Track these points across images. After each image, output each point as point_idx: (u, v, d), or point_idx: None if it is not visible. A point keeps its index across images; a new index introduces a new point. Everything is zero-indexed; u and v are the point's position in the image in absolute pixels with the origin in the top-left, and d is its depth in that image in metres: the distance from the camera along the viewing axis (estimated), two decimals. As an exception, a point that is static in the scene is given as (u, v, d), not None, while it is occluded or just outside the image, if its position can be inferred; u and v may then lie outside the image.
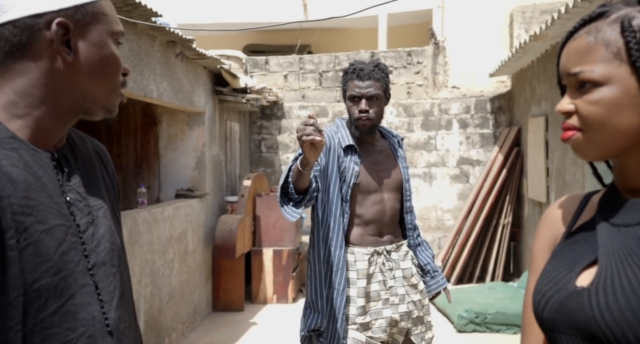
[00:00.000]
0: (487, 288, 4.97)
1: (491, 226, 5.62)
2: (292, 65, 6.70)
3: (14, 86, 0.79)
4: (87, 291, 0.80)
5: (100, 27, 0.82)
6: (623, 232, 0.71)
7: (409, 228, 2.10)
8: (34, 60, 0.79)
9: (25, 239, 0.73)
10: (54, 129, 0.82)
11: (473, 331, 4.15)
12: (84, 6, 0.80)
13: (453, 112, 6.22)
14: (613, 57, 0.71)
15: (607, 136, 0.71)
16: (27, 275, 0.73)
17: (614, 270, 0.69)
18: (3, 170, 0.74)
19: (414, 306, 2.02)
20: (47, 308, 0.75)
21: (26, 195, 0.75)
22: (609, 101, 0.71)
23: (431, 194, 6.21)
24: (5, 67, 0.79)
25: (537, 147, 4.97)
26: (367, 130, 2.02)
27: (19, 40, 0.78)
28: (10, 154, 0.76)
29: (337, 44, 8.07)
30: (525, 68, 5.41)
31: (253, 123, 6.51)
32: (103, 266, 0.84)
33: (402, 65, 6.53)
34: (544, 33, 3.98)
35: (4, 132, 0.77)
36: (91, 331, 0.79)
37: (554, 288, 0.73)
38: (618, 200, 0.75)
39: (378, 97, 2.00)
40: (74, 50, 0.80)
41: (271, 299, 5.08)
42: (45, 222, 0.76)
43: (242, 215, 4.85)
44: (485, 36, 6.47)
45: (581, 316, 0.69)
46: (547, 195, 4.70)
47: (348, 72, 2.04)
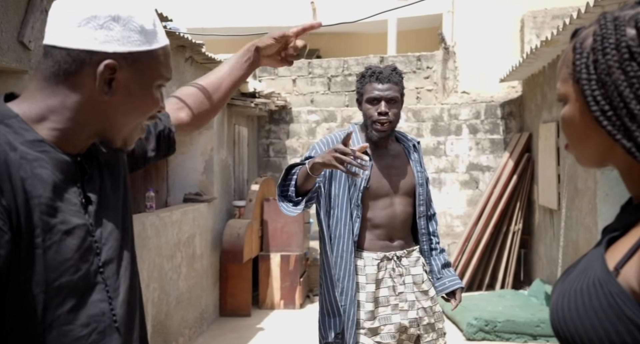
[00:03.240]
0: (497, 295, 4.91)
1: (501, 233, 5.56)
2: (300, 69, 6.69)
3: (49, 102, 0.84)
4: (98, 289, 0.84)
5: (148, 73, 0.86)
6: (603, 239, 0.74)
7: (422, 233, 2.07)
8: (74, 88, 0.84)
9: (49, 238, 0.78)
10: (77, 142, 0.87)
11: (482, 339, 4.10)
12: (139, 53, 0.84)
13: (463, 117, 6.18)
14: (569, 76, 0.75)
15: (578, 148, 0.77)
16: (50, 273, 0.78)
17: (579, 274, 0.73)
18: (35, 172, 0.79)
19: (425, 312, 2.00)
20: (64, 305, 0.79)
21: (53, 196, 0.80)
22: (567, 118, 0.76)
23: (440, 200, 6.15)
24: (47, 85, 0.84)
25: (548, 153, 4.91)
26: (385, 134, 2.01)
27: (67, 67, 0.83)
28: (41, 156, 0.81)
29: (346, 49, 8.07)
30: (537, 74, 5.36)
31: (261, 128, 6.51)
32: (111, 264, 0.87)
33: (412, 70, 6.50)
34: (555, 38, 3.94)
35: (34, 135, 0.82)
36: (101, 327, 0.84)
37: (555, 285, 0.80)
38: (622, 207, 0.77)
39: (396, 100, 2.01)
40: (114, 90, 0.84)
41: (278, 305, 5.05)
42: (68, 223, 0.81)
43: (249, 220, 4.83)
44: (496, 41, 6.43)
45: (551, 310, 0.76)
46: (559, 201, 4.65)
47: (366, 75, 2.04)
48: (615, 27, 0.69)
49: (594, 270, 0.70)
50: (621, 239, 0.71)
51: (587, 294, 0.68)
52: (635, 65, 0.67)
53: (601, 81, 0.70)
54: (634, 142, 0.68)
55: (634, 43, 0.67)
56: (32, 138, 0.81)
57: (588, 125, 0.72)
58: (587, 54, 0.72)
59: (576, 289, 0.70)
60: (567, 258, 4.50)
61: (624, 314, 0.64)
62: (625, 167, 0.73)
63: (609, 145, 0.71)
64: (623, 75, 0.68)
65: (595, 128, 0.72)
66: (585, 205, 4.05)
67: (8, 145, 0.78)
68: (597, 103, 0.70)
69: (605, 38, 0.69)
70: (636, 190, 0.73)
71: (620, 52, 0.68)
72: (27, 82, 2.28)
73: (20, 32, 2.20)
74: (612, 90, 0.69)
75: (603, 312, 0.66)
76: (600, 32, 0.70)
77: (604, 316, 0.66)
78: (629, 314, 0.64)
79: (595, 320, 0.67)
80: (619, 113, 0.68)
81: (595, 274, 0.69)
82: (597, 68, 0.70)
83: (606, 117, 0.69)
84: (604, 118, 0.69)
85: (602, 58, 0.69)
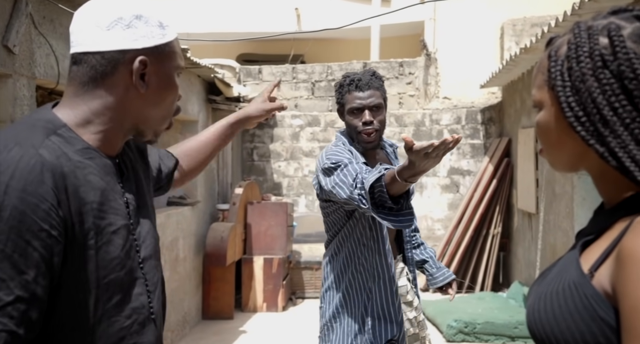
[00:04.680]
0: (476, 298, 4.99)
1: (481, 236, 5.65)
2: (285, 74, 6.74)
3: (91, 106, 0.90)
4: (139, 283, 0.92)
5: (170, 63, 0.94)
6: (577, 243, 0.76)
7: (406, 241, 2.00)
8: (112, 87, 0.90)
9: (101, 239, 0.86)
10: (116, 142, 0.95)
11: (462, 341, 4.17)
12: (162, 46, 0.92)
13: (444, 122, 6.28)
14: (544, 83, 0.77)
15: (552, 153, 0.78)
16: (101, 271, 0.85)
17: (554, 277, 0.75)
18: (87, 178, 0.86)
19: (410, 324, 1.95)
20: (112, 299, 0.87)
21: (102, 200, 0.87)
22: (542, 123, 0.78)
23: (422, 204, 6.24)
24: (85, 90, 0.90)
25: (527, 158, 5.03)
26: (373, 144, 1.91)
27: (103, 69, 0.89)
28: (90, 163, 0.88)
29: (330, 54, 8.14)
30: (516, 80, 5.48)
31: (245, 132, 6.52)
32: (149, 260, 0.95)
33: (394, 75, 6.59)
34: (534, 46, 4.05)
35: (82, 143, 0.89)
36: (141, 319, 0.91)
37: (531, 288, 0.82)
38: (595, 211, 0.79)
39: (380, 107, 1.90)
40: (147, 83, 0.91)
41: (261, 308, 5.07)
42: (114, 224, 0.88)
43: (233, 223, 4.85)
44: (476, 48, 6.55)
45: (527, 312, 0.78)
46: (537, 205, 4.75)
47: (344, 84, 1.92)
48: (589, 36, 0.72)
49: (569, 273, 0.72)
50: (595, 243, 0.73)
51: (563, 297, 0.70)
52: (608, 72, 0.69)
53: (575, 88, 0.72)
54: (607, 147, 0.70)
55: (606, 52, 0.70)
56: (81, 147, 0.88)
57: (563, 131, 0.74)
58: (562, 62, 0.74)
59: (552, 291, 0.73)
60: (545, 261, 4.60)
61: (598, 315, 0.66)
62: (598, 172, 0.75)
63: (583, 150, 0.73)
64: (596, 83, 0.70)
65: (570, 133, 0.74)
66: (562, 208, 4.15)
67: (64, 156, 0.84)
68: (572, 109, 0.72)
69: (579, 46, 0.72)
70: (607, 194, 0.75)
71: (594, 60, 0.70)
72: (11, 86, 2.28)
73: (5, 36, 2.20)
74: (586, 97, 0.71)
75: (578, 313, 0.68)
76: (574, 41, 0.73)
77: (578, 318, 0.68)
78: (602, 316, 0.66)
79: (571, 321, 0.68)
80: (592, 119, 0.70)
81: (571, 277, 0.71)
82: (572, 75, 0.72)
83: (580, 122, 0.71)
84: (578, 123, 0.72)
85: (576, 66, 0.72)
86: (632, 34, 0.70)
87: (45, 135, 0.85)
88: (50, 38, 2.48)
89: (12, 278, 0.76)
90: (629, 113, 0.69)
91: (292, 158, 6.49)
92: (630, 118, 0.69)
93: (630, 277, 0.63)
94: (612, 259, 0.68)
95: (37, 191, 0.79)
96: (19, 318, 0.76)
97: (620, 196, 0.73)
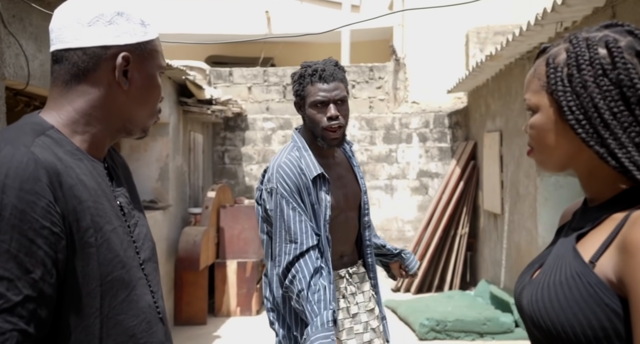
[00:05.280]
0: (445, 296, 5.13)
1: (449, 237, 5.81)
2: (256, 77, 6.76)
3: (75, 105, 0.90)
4: (142, 284, 0.93)
5: (152, 62, 0.95)
6: (569, 236, 0.84)
7: (367, 245, 1.90)
8: (95, 84, 0.90)
9: (100, 237, 0.86)
10: (104, 144, 0.95)
11: (434, 338, 4.28)
12: (144, 43, 0.93)
13: (413, 126, 6.43)
14: (541, 88, 0.83)
15: (545, 153, 0.84)
16: (103, 268, 0.86)
17: (550, 268, 0.82)
18: (79, 178, 0.86)
19: (374, 334, 1.85)
20: (117, 297, 0.88)
21: (96, 200, 0.87)
22: (538, 125, 0.83)
23: (392, 206, 6.36)
24: (68, 88, 0.90)
25: (492, 160, 5.20)
26: (338, 141, 1.77)
27: (85, 65, 0.89)
28: (80, 164, 0.88)
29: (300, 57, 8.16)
30: (481, 86, 5.67)
31: (216, 135, 6.51)
32: (149, 262, 0.97)
33: (365, 80, 6.70)
34: (498, 53, 4.21)
35: (70, 145, 0.89)
36: (149, 318, 0.92)
37: (519, 281, 0.89)
38: (582, 207, 0.87)
39: (345, 100, 1.77)
40: (130, 80, 0.92)
41: (234, 312, 5.07)
42: (111, 223, 0.89)
43: (206, 227, 4.83)
44: (443, 54, 6.73)
45: (523, 304, 0.84)
46: (502, 206, 4.92)
47: (305, 74, 1.76)
48: (588, 46, 0.78)
49: (568, 264, 0.78)
50: (589, 235, 0.79)
51: (567, 286, 0.76)
52: (607, 80, 0.76)
53: (576, 93, 0.78)
54: (607, 148, 0.76)
55: (605, 61, 0.77)
56: (70, 148, 0.88)
57: (559, 133, 0.80)
58: (561, 69, 0.80)
59: (554, 281, 0.78)
60: (510, 259, 4.77)
61: (603, 302, 0.73)
62: (586, 172, 0.82)
63: (575, 151, 0.80)
64: (597, 89, 0.77)
65: (566, 135, 0.80)
66: (526, 209, 4.33)
67: (54, 155, 0.84)
68: (573, 112, 0.78)
69: (580, 55, 0.78)
70: (595, 192, 0.82)
71: (595, 68, 0.77)
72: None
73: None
74: (587, 102, 0.77)
75: (583, 301, 0.74)
76: (573, 50, 0.79)
77: (584, 305, 0.73)
78: (607, 302, 0.72)
79: (577, 309, 0.74)
80: (593, 122, 0.77)
81: (572, 267, 0.77)
82: (572, 81, 0.78)
83: (581, 125, 0.77)
84: (579, 126, 0.78)
85: (577, 73, 0.78)
86: (627, 46, 0.77)
87: (35, 136, 0.85)
88: (20, 37, 2.41)
89: (19, 278, 0.76)
90: (627, 117, 0.76)
91: (264, 161, 6.51)
92: (628, 122, 0.76)
93: (636, 266, 0.70)
94: (614, 249, 0.74)
95: (33, 189, 0.78)
96: (29, 317, 0.77)
97: (610, 193, 0.80)
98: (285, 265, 1.67)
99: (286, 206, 1.69)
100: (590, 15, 3.14)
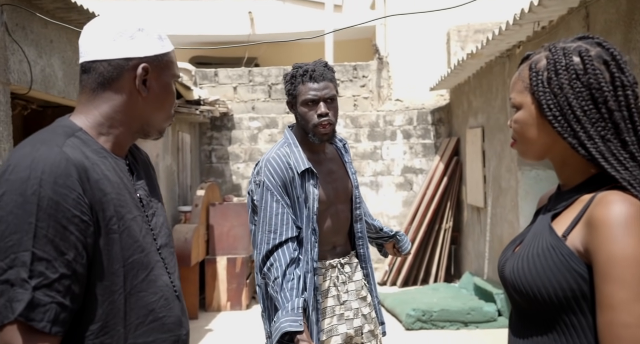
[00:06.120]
0: (431, 289, 5.28)
1: (434, 231, 5.96)
2: (241, 77, 6.82)
3: (101, 110, 1.03)
4: (159, 266, 1.05)
5: (168, 71, 1.07)
6: (545, 216, 0.99)
7: (359, 237, 2.00)
8: (118, 92, 1.03)
9: (122, 224, 0.98)
10: (125, 143, 1.08)
11: (420, 328, 4.42)
12: (161, 56, 1.06)
13: (397, 123, 6.57)
14: (524, 89, 0.98)
15: (526, 144, 0.99)
16: (125, 251, 0.98)
17: (529, 243, 0.97)
18: (104, 173, 0.98)
19: (365, 320, 1.95)
20: (138, 277, 1.00)
21: (118, 192, 1.00)
22: (521, 120, 0.98)
23: (378, 202, 6.49)
24: (95, 95, 1.03)
25: (474, 156, 5.36)
26: (328, 136, 1.88)
27: (110, 75, 1.02)
28: (104, 161, 1.00)
29: (284, 57, 8.28)
30: (463, 83, 5.82)
31: (203, 134, 6.57)
32: (165, 247, 1.09)
33: (349, 78, 6.82)
34: (479, 52, 4.36)
35: (96, 145, 1.01)
36: (167, 295, 1.05)
37: (503, 255, 1.04)
38: (556, 192, 1.03)
39: (334, 98, 1.88)
40: (148, 88, 1.04)
41: (225, 307, 5.15)
42: (132, 213, 1.01)
43: (196, 224, 4.90)
44: (425, 52, 6.88)
45: (505, 273, 0.99)
46: (485, 200, 5.08)
47: (297, 75, 1.87)
48: (564, 54, 0.94)
49: (544, 238, 0.93)
50: (562, 214, 0.95)
51: (544, 256, 0.91)
52: (579, 83, 0.92)
53: (554, 93, 0.93)
54: (578, 140, 0.92)
55: (578, 67, 0.92)
56: (96, 148, 1.00)
57: (539, 127, 0.95)
58: (542, 73, 0.95)
59: (532, 253, 0.93)
60: (493, 251, 4.93)
61: (573, 268, 0.88)
62: (560, 160, 0.97)
63: (551, 142, 0.95)
64: (571, 90, 0.92)
65: (544, 129, 0.95)
66: (508, 202, 4.48)
67: (82, 154, 0.97)
68: (550, 109, 0.93)
69: (557, 62, 0.94)
70: (567, 178, 0.97)
71: (569, 72, 0.92)
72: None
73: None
74: (563, 101, 0.92)
75: (557, 268, 0.89)
76: (552, 57, 0.95)
77: (557, 271, 0.89)
78: (576, 268, 0.88)
79: (551, 274, 0.89)
80: (568, 118, 0.92)
81: (547, 240, 0.92)
82: (551, 83, 0.93)
83: (557, 120, 0.93)
84: (555, 121, 0.93)
85: (555, 76, 0.93)
86: (597, 56, 0.93)
87: (66, 137, 0.97)
88: (23, 44, 2.51)
89: (56, 259, 0.89)
90: (595, 114, 0.92)
91: (251, 159, 6.59)
92: (595, 118, 0.92)
93: (602, 238, 0.85)
94: (582, 225, 0.89)
95: (65, 183, 0.91)
96: (65, 292, 0.90)
97: (579, 178, 0.96)
98: (265, 253, 1.80)
99: (270, 199, 1.81)
100: (566, 15, 3.29)
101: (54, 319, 0.88)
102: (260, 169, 1.87)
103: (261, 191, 1.83)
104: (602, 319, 0.84)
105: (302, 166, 1.84)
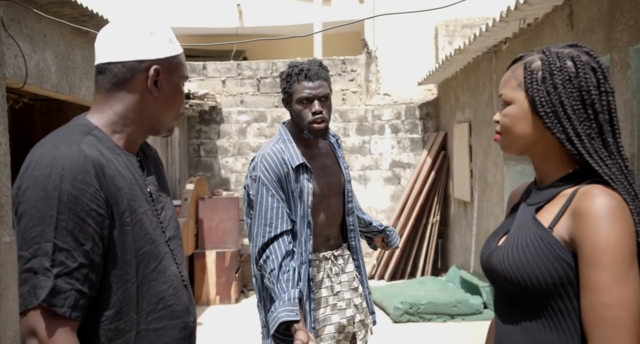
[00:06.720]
0: (418, 282, 5.35)
1: (421, 225, 6.02)
2: (230, 71, 6.80)
3: (115, 109, 1.10)
4: (168, 257, 1.12)
5: (178, 73, 1.14)
6: (528, 209, 1.06)
7: (350, 230, 2.07)
8: (131, 92, 1.09)
9: (135, 218, 1.05)
10: (137, 141, 1.14)
11: (407, 321, 4.48)
12: (171, 58, 1.12)
13: (385, 117, 6.60)
14: (517, 86, 1.05)
15: (512, 138, 1.05)
16: (137, 243, 1.05)
17: (515, 234, 1.04)
18: (117, 170, 1.05)
19: (356, 310, 2.02)
20: (149, 267, 1.07)
21: (131, 187, 1.07)
22: (512, 115, 1.05)
23: (366, 196, 6.54)
24: (110, 95, 1.09)
25: (461, 150, 5.41)
26: (322, 132, 1.95)
27: (124, 76, 1.08)
28: (118, 158, 1.07)
29: (273, 51, 8.26)
30: (450, 78, 5.87)
31: (191, 128, 6.55)
32: (174, 239, 1.16)
33: (337, 72, 6.83)
34: (467, 47, 4.40)
35: (110, 142, 1.08)
36: (175, 284, 1.11)
37: (486, 247, 1.10)
38: (533, 188, 1.10)
39: (328, 97, 1.94)
40: (159, 88, 1.10)
41: (214, 301, 5.17)
42: (143, 207, 1.08)
43: (185, 219, 4.91)
44: (413, 47, 6.91)
45: (493, 264, 1.05)
46: (471, 194, 5.15)
47: (292, 74, 1.92)
48: (559, 57, 1.01)
49: (530, 229, 1.00)
50: (545, 207, 1.01)
51: (532, 246, 0.98)
52: (571, 85, 1.00)
53: (547, 92, 1.01)
54: (566, 135, 0.99)
55: (571, 70, 1.00)
56: (110, 145, 1.07)
57: (528, 122, 1.02)
58: (537, 73, 1.02)
59: (520, 244, 0.99)
60: (479, 245, 5.01)
61: (560, 257, 0.95)
62: (541, 156, 1.04)
63: (537, 138, 1.02)
64: (564, 90, 1.00)
65: (533, 124, 1.01)
66: (494, 196, 4.55)
67: (98, 151, 1.03)
68: (543, 106, 1.00)
69: (552, 64, 1.01)
70: (547, 173, 1.04)
71: (563, 74, 1.00)
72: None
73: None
74: (556, 99, 1.00)
75: (545, 257, 0.95)
76: (547, 59, 1.02)
77: (545, 260, 0.95)
78: (563, 257, 0.95)
79: (540, 263, 0.96)
80: (559, 115, 0.99)
81: (534, 231, 0.99)
82: (545, 82, 1.01)
83: (548, 116, 1.00)
84: (547, 117, 1.00)
85: (550, 77, 1.00)
86: (586, 63, 1.02)
87: (83, 135, 1.04)
88: (18, 39, 2.52)
89: (75, 249, 0.96)
90: (582, 114, 1.00)
91: (240, 153, 6.59)
92: (582, 117, 1.00)
93: (588, 227, 0.92)
94: (567, 216, 0.97)
95: (84, 179, 0.97)
96: (83, 280, 0.97)
97: (557, 174, 1.03)
98: (261, 245, 1.85)
99: (266, 193, 1.87)
100: (550, 13, 3.34)
101: (74, 305, 0.95)
102: (256, 165, 1.93)
103: (257, 186, 1.89)
104: (586, 301, 0.91)
105: (297, 161, 1.90)
